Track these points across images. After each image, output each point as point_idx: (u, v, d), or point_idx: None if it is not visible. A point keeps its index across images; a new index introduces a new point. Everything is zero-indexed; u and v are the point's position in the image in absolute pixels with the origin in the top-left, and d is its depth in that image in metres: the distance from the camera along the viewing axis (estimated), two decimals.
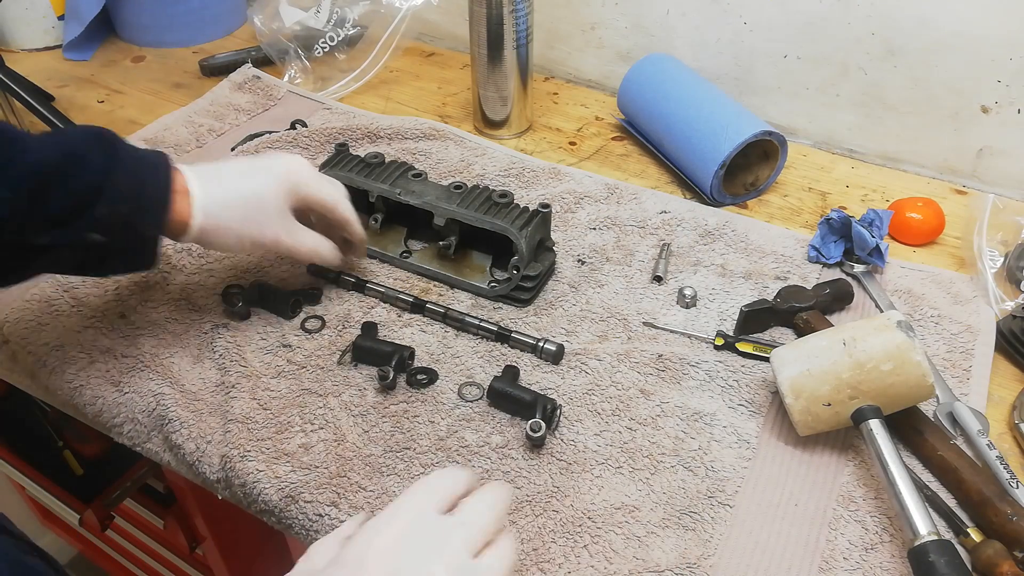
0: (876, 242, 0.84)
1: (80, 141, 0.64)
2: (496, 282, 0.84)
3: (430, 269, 0.86)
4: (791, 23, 1.02)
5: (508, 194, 0.83)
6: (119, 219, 0.64)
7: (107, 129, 0.67)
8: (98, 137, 0.65)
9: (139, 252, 0.69)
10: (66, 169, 0.62)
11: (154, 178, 0.66)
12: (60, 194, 0.62)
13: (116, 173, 0.64)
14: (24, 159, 0.61)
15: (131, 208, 0.65)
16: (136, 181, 0.65)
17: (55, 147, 0.63)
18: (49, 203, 0.62)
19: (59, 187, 0.62)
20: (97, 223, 0.63)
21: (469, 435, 0.70)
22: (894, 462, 0.61)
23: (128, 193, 0.64)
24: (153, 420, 0.72)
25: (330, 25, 1.20)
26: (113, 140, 0.66)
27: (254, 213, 0.70)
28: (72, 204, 0.63)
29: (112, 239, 0.65)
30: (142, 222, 0.66)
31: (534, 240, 0.81)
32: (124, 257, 0.69)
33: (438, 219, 0.82)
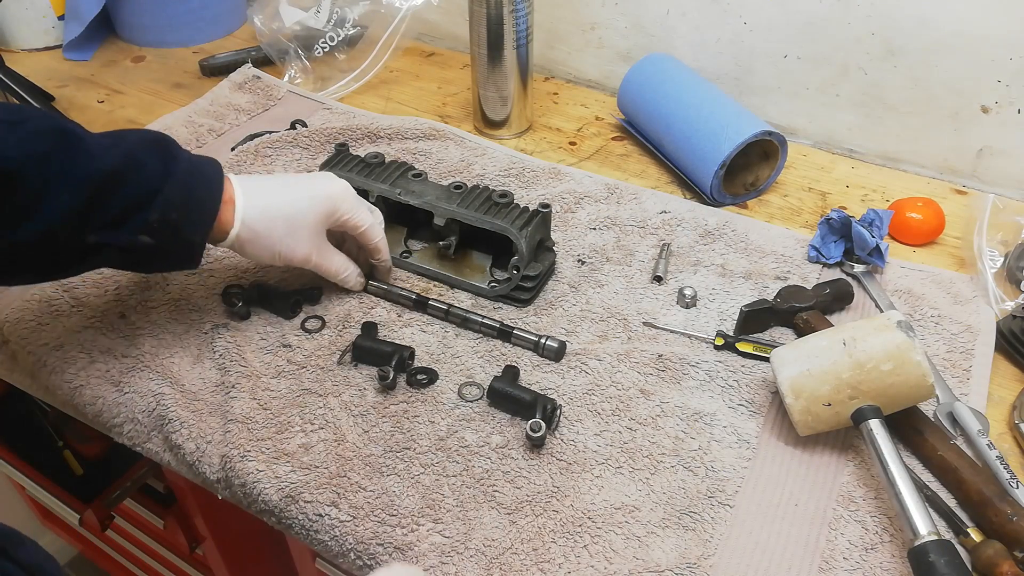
0: (876, 242, 0.84)
1: (140, 147, 0.67)
2: (496, 282, 0.84)
3: (430, 269, 0.86)
4: (791, 23, 1.02)
5: (508, 194, 0.83)
6: (169, 225, 0.67)
7: (164, 134, 0.70)
8: (157, 143, 0.68)
9: (184, 255, 0.71)
10: (125, 174, 0.65)
11: (206, 188, 0.69)
12: (117, 199, 0.65)
13: (171, 181, 0.66)
14: (88, 164, 0.63)
15: (181, 215, 0.67)
16: (188, 190, 0.68)
17: (116, 153, 0.65)
18: (106, 207, 0.64)
19: (117, 192, 0.64)
20: (148, 227, 0.66)
21: (469, 435, 0.70)
22: (894, 462, 0.61)
23: (180, 201, 0.67)
24: (153, 420, 0.72)
25: (330, 25, 1.20)
26: (170, 146, 0.69)
27: (290, 231, 0.73)
28: (127, 208, 0.65)
29: (160, 242, 0.67)
30: (190, 229, 0.69)
31: (534, 240, 0.81)
32: (169, 258, 0.71)
33: (438, 219, 0.82)
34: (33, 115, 0.64)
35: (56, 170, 0.62)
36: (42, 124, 0.63)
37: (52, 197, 0.62)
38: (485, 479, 0.67)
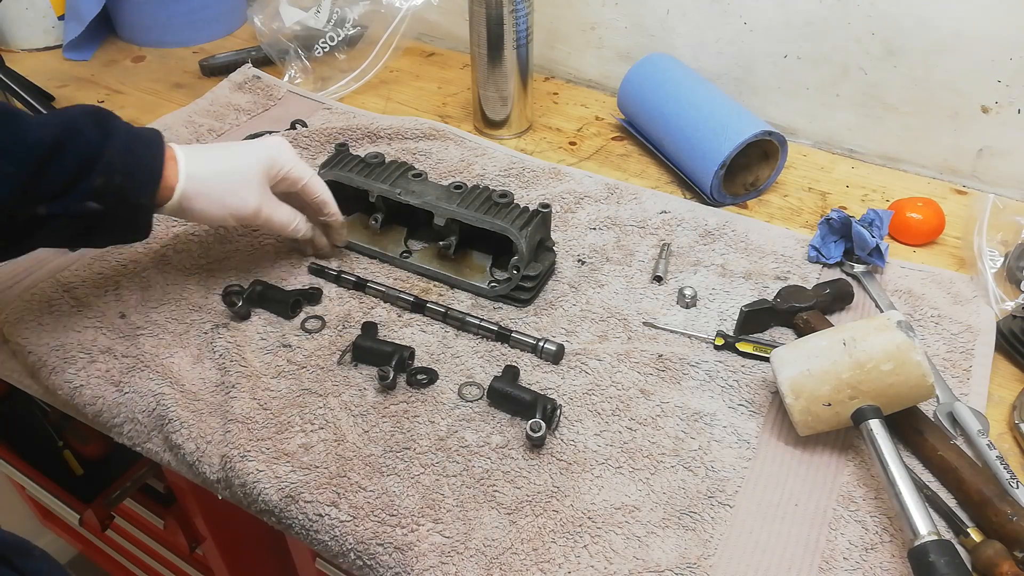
0: (876, 242, 0.84)
1: (77, 116, 0.68)
2: (496, 282, 0.84)
3: (430, 269, 0.86)
4: (791, 23, 1.02)
5: (508, 194, 0.83)
6: (114, 188, 0.68)
7: (102, 107, 0.71)
8: (93, 113, 0.69)
9: (133, 223, 0.72)
10: (64, 142, 0.66)
11: (148, 150, 0.70)
12: (59, 167, 0.66)
13: (111, 144, 0.68)
14: (27, 136, 0.64)
15: (125, 177, 0.68)
16: (130, 152, 0.69)
17: (54, 123, 0.66)
18: (49, 176, 0.65)
19: (58, 160, 0.65)
20: (94, 192, 0.67)
21: (469, 435, 0.70)
22: (894, 462, 0.61)
23: (122, 163, 0.68)
24: (153, 420, 0.72)
25: (330, 25, 1.20)
26: (107, 116, 0.70)
27: (236, 185, 0.74)
28: (70, 175, 0.66)
29: (107, 208, 0.68)
30: (136, 191, 0.70)
31: (534, 240, 0.81)
32: (118, 228, 0.72)
33: (438, 219, 0.82)
34: None
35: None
36: None
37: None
38: (485, 479, 0.67)
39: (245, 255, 0.88)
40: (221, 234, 0.90)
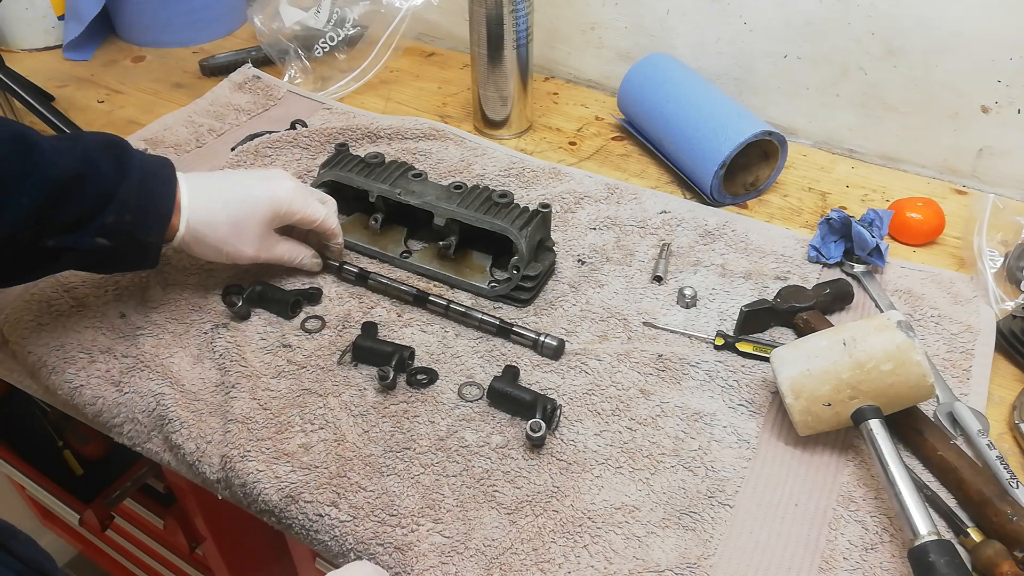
0: (876, 242, 0.84)
1: (95, 150, 0.68)
2: (496, 282, 0.84)
3: (430, 269, 0.86)
4: (791, 23, 1.02)
5: (508, 194, 0.83)
6: (124, 226, 0.69)
7: (118, 137, 0.71)
8: (110, 146, 0.70)
9: (141, 257, 0.73)
10: (82, 178, 0.66)
11: (161, 191, 0.71)
12: (74, 203, 0.66)
13: (126, 183, 0.68)
14: (45, 169, 0.64)
15: (136, 217, 0.69)
16: (142, 192, 0.69)
17: (72, 157, 0.66)
18: (63, 210, 0.66)
19: (74, 196, 0.66)
20: (104, 230, 0.68)
21: (469, 435, 0.70)
22: (894, 462, 0.61)
23: (134, 203, 0.69)
24: (153, 420, 0.72)
25: (330, 25, 1.20)
26: (124, 149, 0.70)
27: (235, 233, 0.75)
28: (83, 212, 0.67)
29: (116, 244, 0.69)
30: (145, 229, 0.71)
31: (534, 240, 0.81)
32: (126, 260, 0.73)
33: (438, 219, 0.82)
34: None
35: (15, 173, 0.63)
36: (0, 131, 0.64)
37: (11, 201, 0.63)
38: (485, 479, 0.67)
39: None
40: None
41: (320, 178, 0.88)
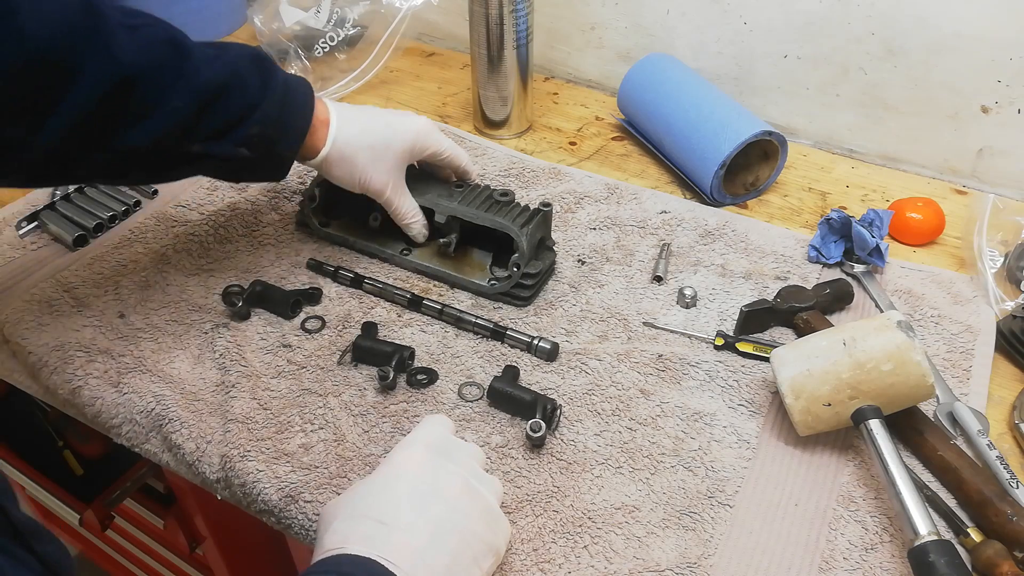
0: (876, 242, 0.84)
1: (242, 61, 0.71)
2: (496, 280, 0.84)
3: (430, 267, 0.86)
4: (791, 23, 1.02)
5: (509, 192, 0.83)
6: (266, 139, 0.72)
7: (262, 51, 0.74)
8: (256, 59, 0.72)
9: (274, 168, 0.76)
10: (229, 87, 0.69)
11: (301, 107, 0.74)
12: (222, 110, 0.69)
13: (269, 96, 0.71)
14: (196, 76, 0.67)
15: (276, 130, 0.72)
16: (284, 107, 0.72)
17: (220, 65, 0.69)
18: (212, 117, 0.68)
19: (221, 104, 0.68)
20: (247, 140, 0.70)
21: (469, 435, 0.70)
22: (894, 462, 0.61)
23: (276, 117, 0.72)
24: (152, 420, 0.72)
25: (330, 25, 1.20)
26: (269, 63, 0.73)
27: (374, 161, 0.78)
28: (229, 120, 0.69)
29: (254, 155, 0.72)
30: (283, 143, 0.74)
31: (535, 238, 0.81)
32: (259, 170, 0.76)
33: (439, 216, 0.82)
34: (147, 20, 0.67)
35: (169, 79, 0.65)
36: (157, 32, 0.67)
37: (164, 105, 0.65)
38: None
39: (245, 255, 0.88)
40: (221, 234, 0.90)
41: (319, 176, 0.88)
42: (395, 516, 0.53)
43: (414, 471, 0.57)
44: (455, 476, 0.57)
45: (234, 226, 0.91)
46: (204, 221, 0.91)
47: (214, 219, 0.91)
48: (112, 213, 0.92)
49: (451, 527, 0.54)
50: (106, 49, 0.62)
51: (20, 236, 0.91)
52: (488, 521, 0.57)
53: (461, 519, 0.55)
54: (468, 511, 0.56)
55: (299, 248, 0.90)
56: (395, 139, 0.79)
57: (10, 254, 0.89)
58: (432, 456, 0.58)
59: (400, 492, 0.55)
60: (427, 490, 0.56)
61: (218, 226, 0.90)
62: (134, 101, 0.64)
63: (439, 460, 0.58)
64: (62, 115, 0.61)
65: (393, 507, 0.54)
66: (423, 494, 0.55)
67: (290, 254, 0.89)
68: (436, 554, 0.52)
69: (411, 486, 0.56)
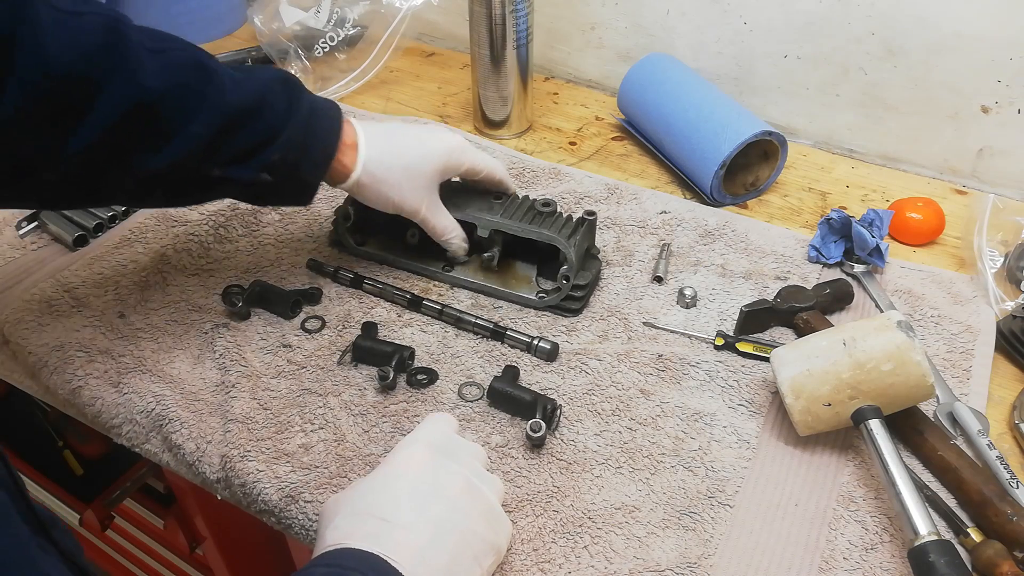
0: (876, 242, 0.84)
1: (270, 84, 0.70)
2: (544, 292, 0.83)
3: (475, 282, 0.84)
4: (791, 23, 1.02)
5: (552, 202, 0.81)
6: (289, 164, 0.70)
7: (290, 74, 0.73)
8: (283, 82, 0.71)
9: (299, 193, 0.75)
10: (253, 112, 0.68)
11: (326, 131, 0.72)
12: (244, 135, 0.68)
13: (293, 121, 0.69)
14: (220, 99, 0.66)
15: (300, 156, 0.71)
16: (309, 132, 0.71)
17: (246, 89, 0.68)
18: (234, 142, 0.67)
19: (243, 129, 0.67)
20: (269, 165, 0.69)
21: (469, 435, 0.70)
22: (894, 462, 0.61)
23: (300, 142, 0.70)
24: (152, 420, 0.72)
25: (330, 25, 1.20)
26: (295, 87, 0.72)
27: (407, 181, 0.76)
28: (252, 145, 0.68)
29: (277, 180, 0.71)
30: (308, 169, 0.72)
31: (582, 248, 0.80)
32: (284, 195, 0.75)
33: (481, 231, 0.81)
34: (175, 45, 0.66)
35: (192, 103, 0.64)
36: (183, 56, 0.66)
37: (184, 129, 0.64)
38: None
39: (245, 255, 0.88)
40: (221, 234, 0.90)
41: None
42: (397, 514, 0.54)
43: (416, 470, 0.57)
44: (456, 475, 0.57)
45: (234, 226, 0.91)
46: (204, 221, 0.91)
47: (214, 219, 0.91)
48: (112, 213, 0.92)
49: (452, 526, 0.54)
50: (128, 72, 0.61)
51: (20, 236, 0.91)
52: (489, 520, 0.57)
53: (462, 518, 0.55)
54: (469, 510, 0.56)
55: (299, 248, 0.90)
56: (427, 158, 0.77)
57: (10, 254, 0.89)
58: (434, 455, 0.58)
59: (402, 490, 0.56)
60: (428, 489, 0.56)
61: (218, 226, 0.90)
62: (154, 125, 0.64)
63: (441, 459, 0.58)
64: (81, 138, 0.61)
65: (395, 505, 0.54)
66: (424, 493, 0.56)
67: (290, 254, 0.89)
68: (437, 552, 0.53)
69: (412, 485, 0.56)
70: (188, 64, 0.65)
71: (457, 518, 0.55)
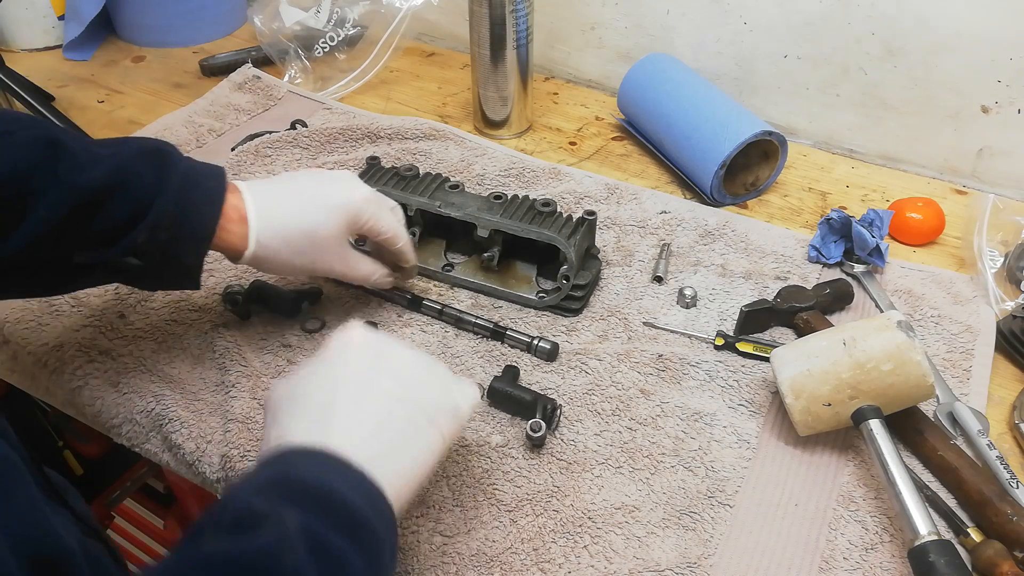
0: (876, 242, 0.84)
1: (135, 159, 0.62)
2: (544, 292, 0.83)
3: (475, 282, 0.84)
4: (791, 23, 1.02)
5: (551, 202, 0.81)
6: (159, 246, 0.63)
7: (165, 144, 0.66)
8: (153, 153, 0.64)
9: (181, 276, 0.67)
10: (114, 190, 0.61)
11: (204, 207, 0.64)
12: (104, 216, 0.61)
13: (162, 198, 0.62)
14: (74, 179, 0.60)
15: (173, 235, 0.63)
16: (182, 208, 0.63)
17: (106, 167, 0.61)
18: (90, 225, 0.61)
19: (104, 209, 0.61)
20: (136, 248, 0.62)
21: (469, 435, 0.70)
22: (894, 462, 0.61)
23: (171, 220, 0.62)
24: (152, 420, 0.72)
25: (330, 25, 1.20)
26: (167, 158, 0.64)
27: (309, 247, 0.69)
28: (114, 226, 0.61)
29: (149, 264, 0.64)
30: (183, 249, 0.64)
31: (582, 248, 0.80)
32: (164, 279, 0.68)
33: (481, 231, 0.81)
34: (25, 124, 0.61)
35: (39, 184, 0.59)
36: (32, 134, 0.60)
37: (32, 212, 0.59)
38: (485, 479, 0.67)
39: None
40: None
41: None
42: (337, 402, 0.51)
43: (355, 351, 0.54)
44: (396, 347, 0.56)
45: None
46: None
47: None
48: None
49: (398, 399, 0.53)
50: None
51: None
52: (442, 384, 0.56)
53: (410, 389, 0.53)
54: (415, 379, 0.54)
55: None
56: (329, 220, 0.69)
57: None
58: (373, 335, 0.56)
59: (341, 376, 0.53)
60: (369, 367, 0.54)
61: None
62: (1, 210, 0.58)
63: (380, 337, 0.56)
64: None
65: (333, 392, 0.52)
66: (366, 372, 0.53)
67: None
68: (384, 431, 0.51)
69: (353, 367, 0.53)
70: (37, 142, 0.59)
71: (402, 391, 0.53)
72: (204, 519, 0.44)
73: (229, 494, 0.46)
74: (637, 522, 0.64)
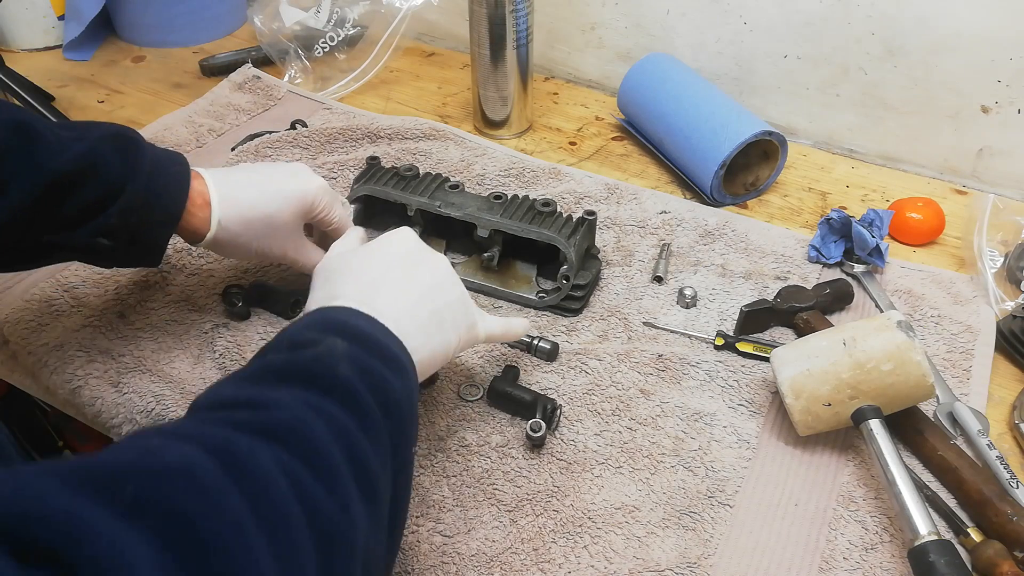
0: (876, 242, 0.84)
1: (102, 144, 0.64)
2: (544, 292, 0.83)
3: (475, 282, 0.84)
4: (791, 23, 1.02)
5: (551, 202, 0.81)
6: (128, 228, 0.65)
7: (130, 130, 0.68)
8: (120, 138, 0.66)
9: (145, 255, 0.70)
10: (85, 174, 0.63)
11: (171, 192, 0.67)
12: (75, 200, 0.63)
13: (132, 184, 0.64)
14: (44, 163, 0.61)
15: (142, 219, 0.65)
16: (151, 193, 0.65)
17: (76, 151, 0.62)
18: (64, 207, 0.63)
19: (75, 193, 0.63)
20: (106, 230, 0.64)
21: (469, 435, 0.70)
22: (894, 462, 0.61)
23: (141, 204, 0.65)
24: (152, 420, 0.72)
25: (330, 25, 1.20)
26: (135, 144, 0.66)
27: (267, 231, 0.72)
28: (85, 209, 0.63)
29: (118, 245, 0.66)
30: (152, 232, 0.67)
31: (582, 248, 0.80)
32: (129, 257, 0.70)
33: (481, 231, 0.81)
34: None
35: (11, 168, 0.60)
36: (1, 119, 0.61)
37: (3, 196, 0.60)
38: (485, 479, 0.67)
39: None
40: None
41: (355, 192, 0.86)
42: (386, 277, 0.59)
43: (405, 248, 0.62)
44: (440, 259, 0.63)
45: None
46: None
47: None
48: None
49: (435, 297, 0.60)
50: None
51: None
52: (466, 307, 0.62)
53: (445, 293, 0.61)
54: (450, 289, 0.61)
55: None
56: (286, 207, 0.72)
57: None
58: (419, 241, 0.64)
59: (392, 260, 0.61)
60: (417, 261, 0.61)
61: None
62: None
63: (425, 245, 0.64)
64: None
65: (385, 270, 0.59)
66: (414, 263, 0.61)
67: None
68: (420, 313, 0.58)
69: (402, 256, 0.61)
70: (5, 127, 0.61)
71: (439, 293, 0.60)
72: (266, 346, 0.51)
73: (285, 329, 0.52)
74: (637, 522, 0.64)
